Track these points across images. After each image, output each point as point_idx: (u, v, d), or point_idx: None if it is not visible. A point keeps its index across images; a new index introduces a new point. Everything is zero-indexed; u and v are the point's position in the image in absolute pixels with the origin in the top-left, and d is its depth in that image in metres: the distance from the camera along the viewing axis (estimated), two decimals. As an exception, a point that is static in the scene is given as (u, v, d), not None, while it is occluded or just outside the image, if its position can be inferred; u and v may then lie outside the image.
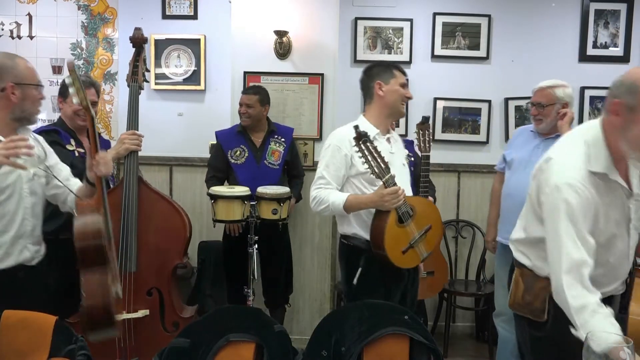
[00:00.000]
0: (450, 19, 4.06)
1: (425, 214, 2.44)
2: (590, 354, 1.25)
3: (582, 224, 1.65)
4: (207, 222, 3.86)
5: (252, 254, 3.03)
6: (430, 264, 3.25)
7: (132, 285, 2.57)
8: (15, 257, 2.08)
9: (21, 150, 1.80)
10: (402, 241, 2.37)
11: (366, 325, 1.91)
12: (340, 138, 2.44)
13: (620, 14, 4.05)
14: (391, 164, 2.33)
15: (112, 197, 2.57)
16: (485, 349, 3.80)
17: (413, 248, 2.40)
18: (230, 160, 3.42)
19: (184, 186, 4.13)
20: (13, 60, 2.05)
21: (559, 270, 1.65)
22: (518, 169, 2.96)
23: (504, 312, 3.06)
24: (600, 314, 1.57)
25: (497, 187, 3.23)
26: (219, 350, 1.87)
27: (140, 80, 2.69)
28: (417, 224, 2.41)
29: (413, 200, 2.43)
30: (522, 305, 1.89)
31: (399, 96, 2.46)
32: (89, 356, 1.75)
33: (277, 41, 3.67)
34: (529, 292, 1.86)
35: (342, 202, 2.35)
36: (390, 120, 2.58)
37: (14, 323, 1.82)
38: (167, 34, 4.03)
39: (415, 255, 2.43)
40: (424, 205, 2.49)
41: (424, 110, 4.10)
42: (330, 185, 2.41)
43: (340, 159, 2.40)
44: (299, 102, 3.72)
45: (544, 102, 2.87)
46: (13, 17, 4.07)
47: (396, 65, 2.54)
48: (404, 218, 2.35)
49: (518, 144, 3.07)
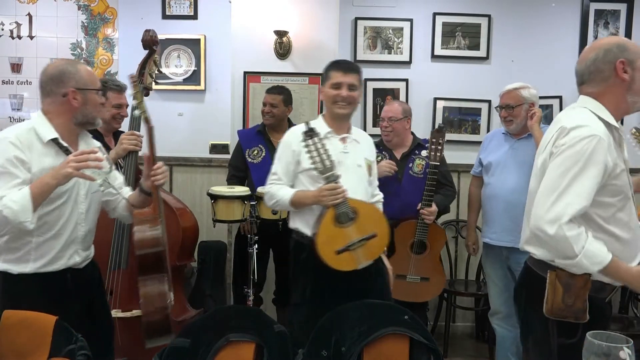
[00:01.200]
0: (450, 19, 4.06)
1: (370, 221, 2.35)
2: (590, 354, 1.25)
3: (596, 179, 1.69)
4: (207, 222, 3.86)
5: (252, 254, 3.03)
6: (426, 271, 3.23)
7: (125, 285, 2.57)
8: (64, 261, 2.07)
9: (92, 164, 1.88)
10: (338, 241, 2.31)
11: (366, 325, 1.91)
12: (292, 134, 2.48)
13: (620, 14, 4.05)
14: (342, 163, 2.36)
15: None
16: (485, 349, 3.80)
17: (349, 251, 2.33)
18: (248, 159, 3.42)
19: (184, 186, 4.13)
20: (74, 67, 2.06)
21: (545, 212, 1.68)
22: (496, 171, 3.05)
23: (499, 310, 3.12)
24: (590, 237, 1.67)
25: (474, 191, 3.33)
26: (219, 350, 1.88)
27: (146, 82, 2.69)
28: (358, 229, 2.33)
29: (359, 204, 2.36)
30: (563, 309, 1.78)
31: (330, 98, 2.44)
32: (89, 356, 1.75)
33: (277, 41, 3.67)
34: (569, 294, 1.78)
35: (289, 197, 2.39)
36: (339, 122, 2.48)
37: (14, 323, 1.82)
38: (167, 34, 4.03)
39: (352, 259, 2.34)
40: (370, 212, 2.39)
41: (424, 110, 4.11)
42: (281, 181, 2.46)
43: (289, 154, 2.44)
44: (299, 102, 3.73)
45: (512, 104, 2.99)
46: (13, 17, 4.07)
47: (338, 63, 2.50)
48: (343, 218, 2.31)
49: (492, 147, 3.16)
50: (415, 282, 3.21)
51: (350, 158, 2.45)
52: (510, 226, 2.86)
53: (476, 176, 3.30)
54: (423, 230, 3.16)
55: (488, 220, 3.12)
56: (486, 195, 3.13)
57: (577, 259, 1.66)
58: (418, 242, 3.19)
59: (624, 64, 1.77)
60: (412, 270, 3.22)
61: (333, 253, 2.31)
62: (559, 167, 1.72)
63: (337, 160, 2.35)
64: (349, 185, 2.36)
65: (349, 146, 2.47)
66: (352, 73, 2.44)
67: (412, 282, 3.21)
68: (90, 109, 2.07)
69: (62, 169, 1.87)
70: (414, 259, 3.21)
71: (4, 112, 4.12)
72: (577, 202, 1.67)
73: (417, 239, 3.18)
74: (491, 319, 3.20)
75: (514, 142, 3.03)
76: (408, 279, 3.21)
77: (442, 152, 3.13)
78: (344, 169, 2.37)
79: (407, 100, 4.08)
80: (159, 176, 2.19)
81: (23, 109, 4.11)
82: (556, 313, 1.79)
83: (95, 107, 2.09)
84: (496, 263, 3.11)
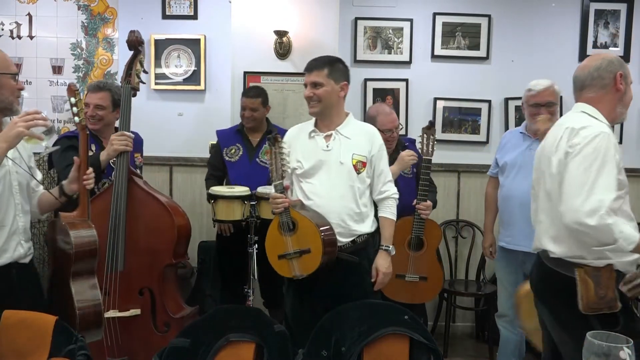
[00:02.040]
0: (450, 19, 4.06)
1: (307, 236, 2.37)
2: (590, 354, 1.25)
3: (615, 172, 1.84)
4: (207, 222, 3.87)
5: (252, 254, 3.03)
6: (423, 269, 3.23)
7: (121, 285, 2.58)
8: (10, 254, 2.11)
9: (40, 122, 1.94)
10: (278, 247, 2.42)
11: (366, 325, 1.91)
12: (286, 135, 2.61)
13: (620, 14, 4.05)
14: (323, 162, 2.42)
15: (102, 198, 2.64)
16: (485, 349, 3.80)
17: (287, 260, 2.40)
18: (225, 158, 3.44)
19: (184, 186, 4.13)
20: None
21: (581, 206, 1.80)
22: (512, 172, 2.99)
23: (506, 313, 3.08)
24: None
25: (491, 193, 3.26)
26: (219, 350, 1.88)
27: (134, 82, 2.70)
28: (296, 241, 2.39)
29: (300, 218, 2.39)
30: (597, 302, 1.87)
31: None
32: (89, 356, 1.76)
33: (277, 41, 3.67)
34: (601, 286, 1.87)
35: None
36: (326, 120, 2.51)
37: (14, 323, 1.82)
38: (167, 34, 4.03)
39: (288, 268, 2.41)
40: (309, 229, 2.38)
41: (424, 110, 4.10)
42: None
43: None
44: (299, 102, 3.72)
45: (554, 100, 2.92)
46: (13, 17, 4.07)
47: (308, 63, 2.54)
48: (283, 228, 2.39)
49: (509, 147, 3.10)
50: (414, 282, 3.21)
51: (333, 155, 2.45)
52: (527, 230, 2.78)
53: (493, 177, 3.24)
54: (420, 226, 3.16)
55: (504, 223, 3.05)
56: (502, 197, 3.06)
57: (618, 243, 1.79)
58: (415, 238, 3.19)
59: (622, 76, 2.00)
60: (411, 269, 3.21)
61: (276, 257, 2.42)
62: (581, 164, 1.85)
63: (318, 158, 2.41)
64: (324, 186, 2.42)
65: (332, 143, 2.47)
66: (314, 70, 2.46)
67: (411, 281, 3.21)
68: (7, 94, 2.08)
69: (12, 130, 1.90)
70: (413, 257, 3.21)
71: (4, 112, 4.12)
72: (609, 193, 1.81)
73: (415, 235, 3.18)
74: (498, 320, 3.17)
75: (532, 142, 2.93)
76: (407, 278, 3.21)
77: (434, 147, 3.13)
78: (325, 167, 2.42)
79: (407, 100, 4.09)
80: (90, 180, 2.27)
81: (23, 109, 4.10)
82: (592, 307, 1.87)
83: (12, 93, 2.11)
84: (510, 267, 3.04)
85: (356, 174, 2.45)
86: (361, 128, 2.57)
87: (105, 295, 2.55)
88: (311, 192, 2.44)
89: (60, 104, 4.10)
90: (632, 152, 4.11)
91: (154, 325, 2.62)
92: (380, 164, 2.53)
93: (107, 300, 2.55)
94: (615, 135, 3.68)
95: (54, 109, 4.07)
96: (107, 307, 2.54)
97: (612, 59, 2.02)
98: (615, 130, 4.07)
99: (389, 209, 2.57)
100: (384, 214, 2.56)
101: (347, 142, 2.47)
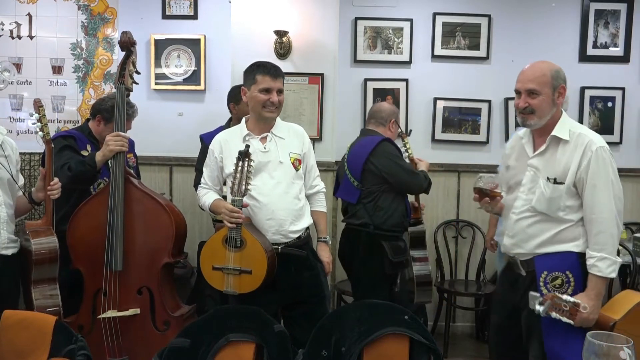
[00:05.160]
0: (450, 19, 4.06)
1: (252, 258, 2.34)
2: (590, 354, 1.25)
3: None
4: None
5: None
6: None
7: (120, 284, 2.58)
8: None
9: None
10: (217, 259, 2.37)
11: (366, 325, 1.91)
12: (215, 141, 2.59)
13: (620, 14, 4.06)
14: (262, 163, 2.45)
15: (98, 198, 2.64)
16: (485, 349, 3.80)
17: (222, 273, 2.37)
18: None
19: (184, 186, 4.13)
20: None
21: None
22: None
23: None
24: None
25: None
26: (219, 350, 1.88)
27: (127, 83, 2.70)
28: (239, 259, 2.35)
29: (250, 239, 2.35)
30: None
31: (259, 102, 2.47)
32: (89, 356, 1.76)
33: (277, 41, 3.67)
34: None
35: (209, 203, 2.53)
36: (263, 123, 2.53)
37: (14, 323, 1.82)
38: (167, 34, 4.03)
39: (221, 281, 2.37)
40: (257, 252, 2.34)
41: (424, 110, 4.11)
42: (207, 185, 2.60)
43: (212, 161, 2.57)
44: (299, 102, 3.72)
45: None
46: (13, 17, 4.07)
47: (265, 67, 2.51)
48: (230, 242, 2.35)
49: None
50: None
51: (272, 156, 2.50)
52: None
53: None
54: None
55: None
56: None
57: None
58: None
59: None
60: None
61: (210, 267, 2.39)
62: None
63: (257, 160, 2.40)
64: (268, 185, 2.44)
65: (268, 145, 2.52)
66: (280, 78, 2.52)
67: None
68: None
69: None
70: None
71: (4, 112, 4.12)
72: None
73: None
74: None
75: None
76: None
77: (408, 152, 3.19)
78: (266, 168, 2.46)
79: (407, 100, 4.09)
80: (54, 191, 2.39)
81: (23, 108, 4.11)
82: None
83: None
84: None
85: (295, 171, 2.54)
86: (290, 128, 2.65)
87: (104, 295, 2.55)
88: (256, 192, 2.45)
89: (60, 104, 4.10)
90: (632, 152, 4.11)
91: (154, 324, 2.61)
92: (310, 161, 2.64)
93: (106, 300, 2.55)
94: (616, 135, 3.76)
95: (53, 109, 4.07)
96: (106, 307, 2.54)
97: None
98: (615, 130, 4.09)
99: (321, 203, 2.69)
100: (318, 208, 2.67)
101: (282, 142, 2.55)
